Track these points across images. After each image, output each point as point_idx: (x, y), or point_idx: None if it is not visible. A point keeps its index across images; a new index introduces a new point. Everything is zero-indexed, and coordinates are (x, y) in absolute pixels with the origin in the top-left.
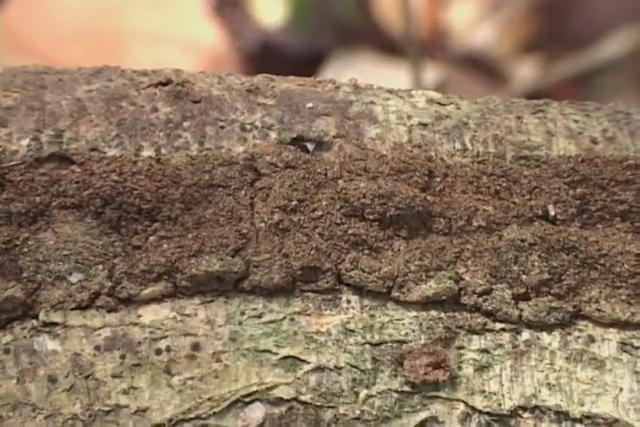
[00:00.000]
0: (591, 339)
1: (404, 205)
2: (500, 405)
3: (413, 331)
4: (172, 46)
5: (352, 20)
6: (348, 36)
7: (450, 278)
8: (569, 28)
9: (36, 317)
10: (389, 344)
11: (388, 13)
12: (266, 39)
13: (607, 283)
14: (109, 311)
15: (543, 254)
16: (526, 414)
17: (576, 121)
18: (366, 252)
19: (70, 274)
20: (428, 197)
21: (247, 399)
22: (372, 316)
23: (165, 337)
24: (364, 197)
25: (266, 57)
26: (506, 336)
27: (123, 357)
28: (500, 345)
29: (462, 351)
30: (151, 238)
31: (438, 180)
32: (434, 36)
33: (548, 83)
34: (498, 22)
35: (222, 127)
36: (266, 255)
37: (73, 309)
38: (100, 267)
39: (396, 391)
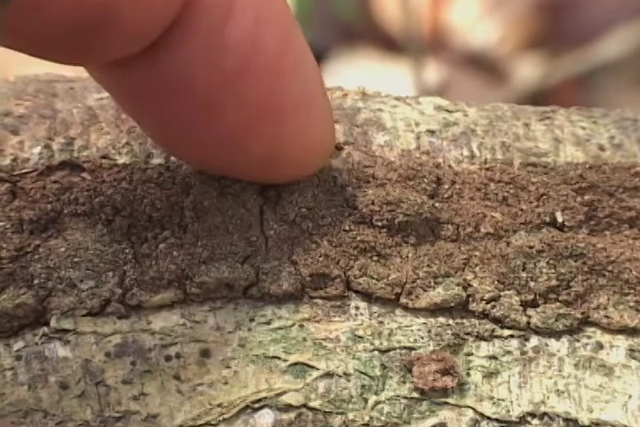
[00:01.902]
0: (599, 346)
1: (413, 212)
2: (508, 411)
3: (422, 338)
4: None
5: (353, 19)
6: (349, 35)
7: (458, 285)
8: (571, 26)
9: (47, 323)
10: (398, 351)
11: (389, 12)
12: None
13: (615, 290)
14: (120, 318)
15: (551, 261)
16: (535, 421)
17: (583, 128)
18: (375, 258)
19: (81, 281)
20: (436, 204)
21: (256, 406)
22: (380, 322)
23: (175, 344)
24: (373, 203)
25: None
26: (514, 343)
27: (133, 363)
28: (509, 352)
29: (471, 358)
30: (161, 246)
31: (446, 186)
32: (435, 34)
33: (550, 81)
34: (500, 21)
35: None
36: (275, 262)
37: (84, 315)
38: (111, 274)
39: (405, 398)
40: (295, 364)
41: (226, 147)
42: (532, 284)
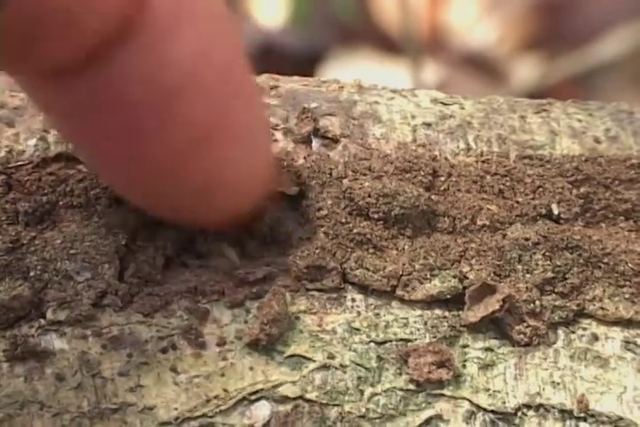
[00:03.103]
0: (595, 337)
1: (409, 205)
2: (504, 403)
3: (418, 329)
4: None
5: (352, 20)
6: (348, 35)
7: (454, 277)
8: (569, 26)
9: (43, 315)
10: (394, 343)
11: (387, 12)
12: (266, 39)
13: (611, 281)
14: (116, 310)
15: (547, 253)
16: (531, 413)
17: (579, 120)
18: (371, 251)
19: (77, 273)
20: (433, 197)
21: (253, 397)
22: (376, 314)
23: (172, 336)
24: (369, 196)
25: (266, 56)
26: None
27: (129, 355)
28: (505, 343)
29: (467, 350)
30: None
31: (442, 179)
32: (434, 35)
33: (548, 82)
34: (498, 21)
35: None
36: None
37: (80, 307)
38: (107, 266)
39: (401, 390)
40: (292, 356)
41: (163, 171)
42: (527, 276)
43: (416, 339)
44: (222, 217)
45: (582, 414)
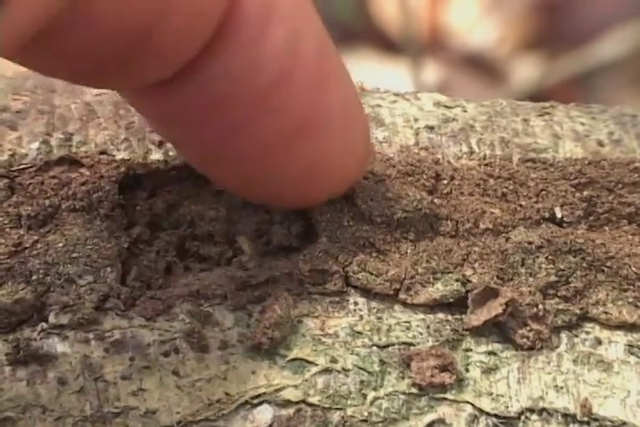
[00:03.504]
0: (598, 341)
1: (412, 208)
2: (507, 407)
3: (421, 333)
4: None
5: (351, 20)
6: (348, 36)
7: (457, 281)
8: (569, 27)
9: (45, 319)
10: (397, 346)
11: (387, 13)
12: None
13: (614, 285)
14: (118, 314)
15: (550, 257)
16: (534, 417)
17: (582, 124)
18: (374, 254)
19: (80, 276)
20: (435, 200)
21: (255, 401)
22: (379, 318)
23: (174, 339)
24: (372, 199)
25: None
26: None
27: (132, 359)
28: (507, 347)
29: (469, 354)
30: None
31: (445, 182)
32: (434, 35)
33: (548, 82)
34: (498, 22)
35: None
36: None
37: (82, 311)
38: (109, 269)
39: (404, 393)
40: (294, 359)
41: (267, 162)
42: (530, 279)
43: (419, 343)
44: (318, 199)
45: (585, 419)
